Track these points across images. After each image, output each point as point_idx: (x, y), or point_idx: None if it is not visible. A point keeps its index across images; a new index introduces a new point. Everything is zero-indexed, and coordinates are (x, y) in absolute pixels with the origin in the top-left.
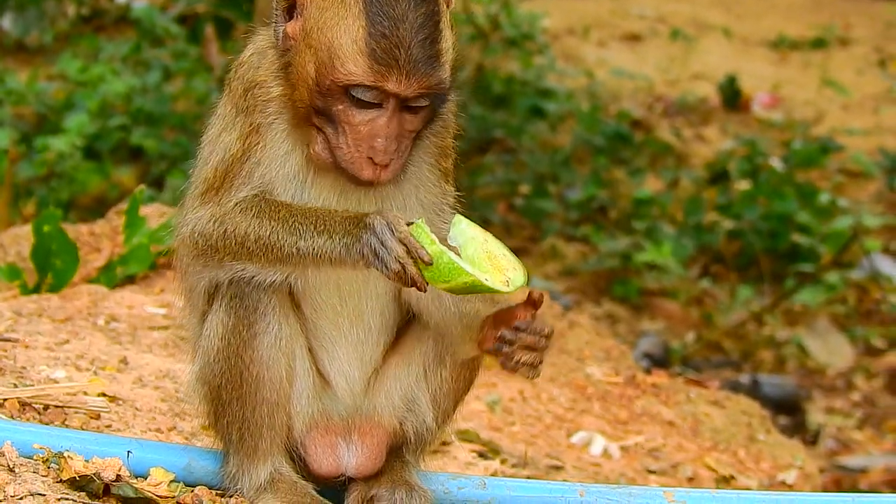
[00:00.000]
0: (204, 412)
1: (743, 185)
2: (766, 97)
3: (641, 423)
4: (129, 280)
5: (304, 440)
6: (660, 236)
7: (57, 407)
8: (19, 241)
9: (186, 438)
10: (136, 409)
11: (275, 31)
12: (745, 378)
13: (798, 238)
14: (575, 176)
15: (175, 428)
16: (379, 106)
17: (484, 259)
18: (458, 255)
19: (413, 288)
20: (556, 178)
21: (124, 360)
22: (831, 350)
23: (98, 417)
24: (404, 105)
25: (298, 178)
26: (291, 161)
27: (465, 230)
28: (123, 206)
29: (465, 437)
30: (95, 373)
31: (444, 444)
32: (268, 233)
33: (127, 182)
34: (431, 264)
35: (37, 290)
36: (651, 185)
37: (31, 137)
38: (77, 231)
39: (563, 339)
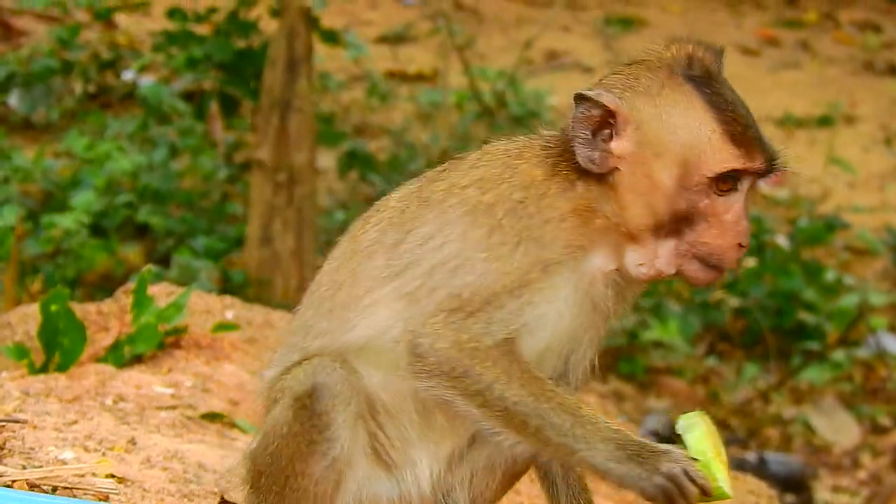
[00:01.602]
0: (243, 479)
1: (749, 263)
2: (772, 175)
3: None
4: (137, 359)
5: None
6: (666, 314)
7: (66, 488)
8: (27, 320)
9: None
10: (145, 490)
11: (585, 156)
12: (751, 456)
13: (804, 316)
14: None
15: None
16: (737, 190)
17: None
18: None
19: None
20: None
21: (132, 441)
22: (837, 428)
23: (107, 499)
24: (752, 183)
25: (566, 323)
26: (567, 304)
27: (702, 429)
28: (131, 285)
29: None
30: (104, 454)
31: None
32: (518, 403)
33: (133, 259)
34: (711, 497)
35: (44, 369)
36: None
37: (37, 215)
38: (84, 310)
39: None
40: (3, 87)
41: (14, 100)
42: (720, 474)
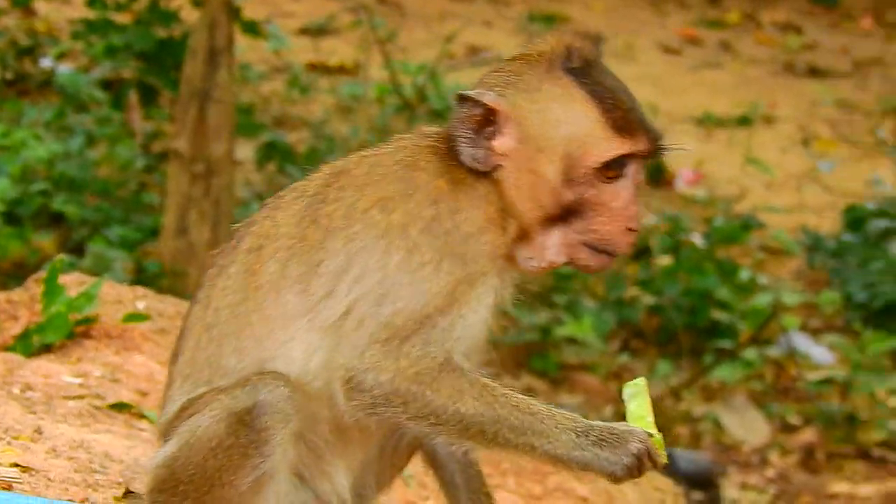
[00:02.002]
0: (150, 488)
1: (664, 261)
2: (689, 174)
3: (555, 499)
4: (46, 349)
5: None
6: (580, 311)
7: None
8: None
9: None
10: (49, 479)
11: (470, 154)
12: None
13: (717, 314)
14: None
15: (88, 500)
16: (623, 175)
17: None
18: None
19: None
20: None
21: (38, 430)
22: (747, 426)
23: (10, 488)
24: (638, 166)
25: (488, 327)
26: (490, 312)
27: (641, 398)
28: (42, 274)
29: None
30: (9, 443)
31: None
32: (475, 415)
33: (47, 248)
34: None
35: None
36: None
37: None
38: None
39: None
40: None
41: None
42: (659, 442)
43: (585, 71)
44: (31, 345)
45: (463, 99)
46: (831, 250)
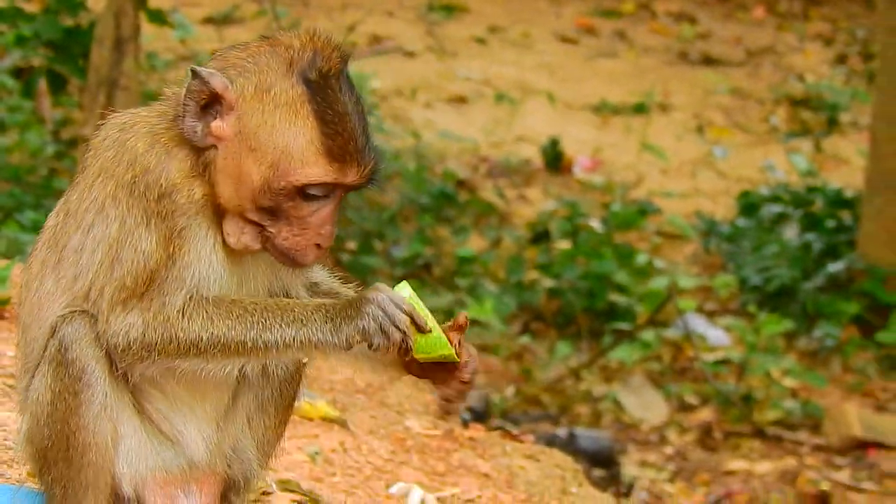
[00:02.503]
0: (30, 467)
1: (563, 245)
2: (587, 160)
3: (458, 476)
4: None
5: (140, 494)
6: (482, 293)
7: None
8: None
9: (16, 483)
10: None
11: (187, 126)
12: (562, 431)
13: (615, 297)
14: (400, 233)
15: (3, 475)
16: (327, 197)
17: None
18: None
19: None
20: (382, 236)
21: None
22: (646, 405)
23: None
24: (346, 192)
25: (223, 267)
26: (217, 254)
27: (413, 298)
28: None
29: (287, 486)
30: None
31: (266, 493)
32: (229, 333)
33: None
34: (429, 332)
35: None
36: (474, 243)
37: None
38: None
39: (383, 392)
40: None
41: None
42: (443, 346)
43: (322, 86)
44: None
45: (194, 74)
46: (726, 235)
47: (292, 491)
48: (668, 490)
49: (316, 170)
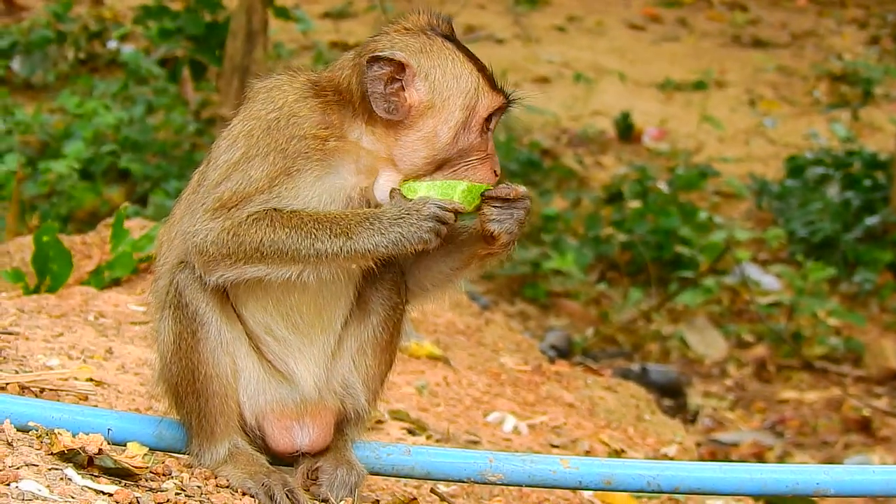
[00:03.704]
0: (167, 403)
1: (634, 205)
2: (654, 131)
3: (546, 405)
4: (115, 282)
5: (260, 424)
6: (564, 247)
7: (51, 390)
8: (23, 249)
9: (162, 416)
10: (119, 391)
11: (382, 105)
12: (635, 367)
13: (680, 249)
14: None
15: (151, 408)
16: (491, 128)
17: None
18: None
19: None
20: None
21: (110, 350)
22: (708, 343)
23: (86, 399)
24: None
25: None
26: (318, 201)
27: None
28: (110, 220)
29: (397, 416)
30: (85, 361)
31: (379, 422)
32: (287, 239)
33: (117, 199)
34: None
35: (37, 290)
36: (557, 204)
37: (35, 161)
38: (71, 241)
39: (480, 333)
40: (6, 54)
41: (16, 64)
42: (458, 184)
43: (454, 39)
44: (102, 279)
45: (375, 60)
46: (776, 194)
47: (402, 419)
48: (728, 417)
49: (492, 98)
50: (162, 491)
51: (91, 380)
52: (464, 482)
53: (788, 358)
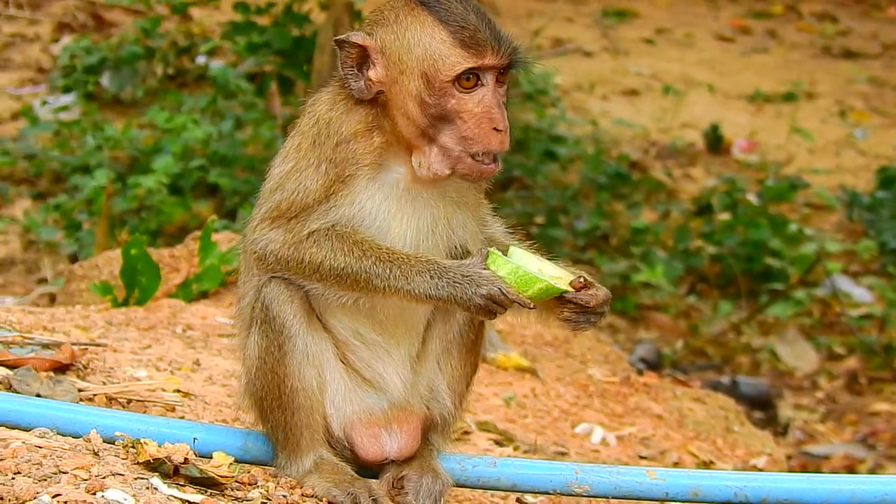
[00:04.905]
0: (253, 417)
1: (724, 217)
2: (743, 142)
3: (634, 417)
4: (203, 295)
5: (349, 434)
6: (653, 260)
7: (138, 401)
8: (111, 262)
9: (248, 428)
10: (206, 403)
11: (354, 87)
12: (725, 379)
13: (770, 261)
14: (582, 209)
15: (238, 419)
16: (481, 84)
17: (541, 270)
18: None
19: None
20: (566, 211)
21: (197, 362)
22: (799, 355)
23: (173, 410)
24: (497, 79)
25: (378, 216)
26: (373, 203)
27: (521, 256)
28: (198, 233)
29: (485, 427)
30: (172, 372)
31: (466, 433)
32: (345, 268)
33: (205, 214)
34: (532, 308)
35: (125, 303)
36: (646, 216)
37: (125, 176)
38: (159, 254)
39: (568, 344)
40: (95, 70)
41: (106, 80)
42: (537, 281)
43: (437, 1)
44: (190, 292)
45: (339, 43)
46: (866, 205)
47: (489, 431)
48: (819, 429)
49: (455, 59)
50: (248, 500)
51: (178, 391)
52: (550, 494)
53: (880, 370)
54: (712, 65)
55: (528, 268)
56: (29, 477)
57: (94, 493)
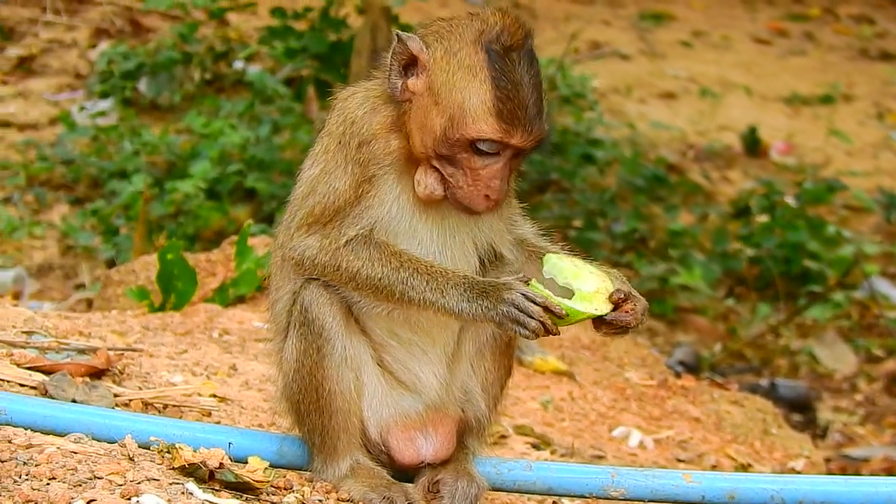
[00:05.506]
0: (289, 421)
1: (762, 219)
2: (781, 145)
3: (672, 420)
4: (240, 300)
5: (385, 438)
6: (691, 262)
7: (174, 406)
8: (148, 267)
9: (284, 433)
10: (242, 407)
11: (391, 84)
12: (763, 382)
13: (809, 263)
14: (620, 212)
15: (274, 424)
16: (497, 154)
17: (576, 280)
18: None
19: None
20: (604, 214)
21: (233, 367)
22: (837, 358)
23: (209, 415)
24: (515, 155)
25: (410, 215)
26: (399, 203)
27: (557, 263)
28: (235, 238)
29: (522, 431)
30: (208, 377)
31: (503, 437)
32: (382, 279)
33: (243, 219)
34: (566, 317)
35: (162, 308)
36: (684, 219)
37: (162, 181)
38: (196, 259)
39: (605, 348)
40: (133, 76)
41: (143, 85)
42: (577, 314)
43: (502, 56)
44: (226, 296)
45: (398, 39)
46: None
47: (527, 434)
48: (858, 432)
49: (485, 126)
50: None
51: (214, 396)
52: (586, 497)
53: None
54: (749, 67)
55: (569, 285)
56: (64, 482)
57: (129, 499)
